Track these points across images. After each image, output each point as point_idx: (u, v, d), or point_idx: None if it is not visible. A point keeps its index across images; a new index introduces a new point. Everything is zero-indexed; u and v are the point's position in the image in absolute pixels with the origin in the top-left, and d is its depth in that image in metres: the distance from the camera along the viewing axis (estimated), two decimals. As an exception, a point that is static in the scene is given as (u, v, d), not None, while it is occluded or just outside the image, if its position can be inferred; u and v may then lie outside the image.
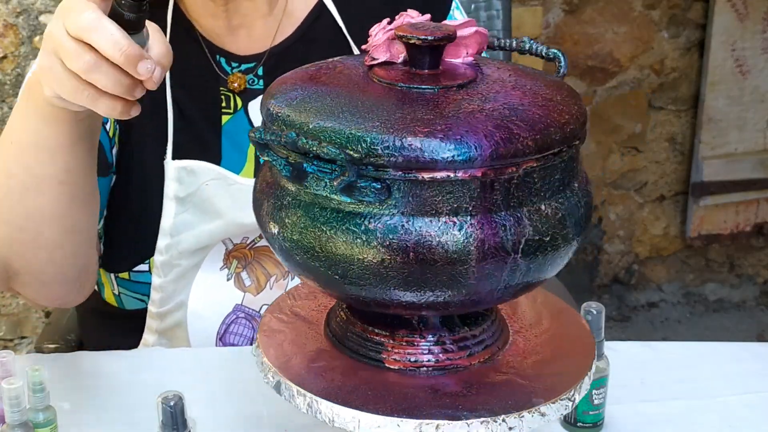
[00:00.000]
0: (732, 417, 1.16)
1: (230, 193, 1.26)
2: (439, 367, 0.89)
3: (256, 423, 1.12)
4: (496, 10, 1.72)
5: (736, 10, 2.77)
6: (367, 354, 0.90)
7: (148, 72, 0.90)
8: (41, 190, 1.09)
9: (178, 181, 1.26)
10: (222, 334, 1.31)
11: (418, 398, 0.85)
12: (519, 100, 0.83)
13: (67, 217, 1.12)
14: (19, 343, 2.41)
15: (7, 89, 2.22)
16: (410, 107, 0.81)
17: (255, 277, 1.30)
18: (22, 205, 1.10)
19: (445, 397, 0.86)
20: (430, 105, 0.81)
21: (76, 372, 1.22)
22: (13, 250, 1.13)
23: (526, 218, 0.81)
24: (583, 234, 0.86)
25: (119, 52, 0.89)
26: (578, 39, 2.77)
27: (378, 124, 0.79)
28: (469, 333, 0.90)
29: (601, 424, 1.14)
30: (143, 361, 1.24)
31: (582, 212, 0.85)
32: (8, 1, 2.17)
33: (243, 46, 1.30)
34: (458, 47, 0.90)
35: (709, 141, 2.88)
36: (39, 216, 1.10)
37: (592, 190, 0.89)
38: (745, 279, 3.07)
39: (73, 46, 0.91)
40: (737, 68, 2.83)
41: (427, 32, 0.85)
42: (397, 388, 0.87)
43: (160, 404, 0.93)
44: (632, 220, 2.96)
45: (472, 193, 0.79)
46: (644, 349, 1.29)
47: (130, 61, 0.89)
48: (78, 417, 1.12)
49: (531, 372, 0.90)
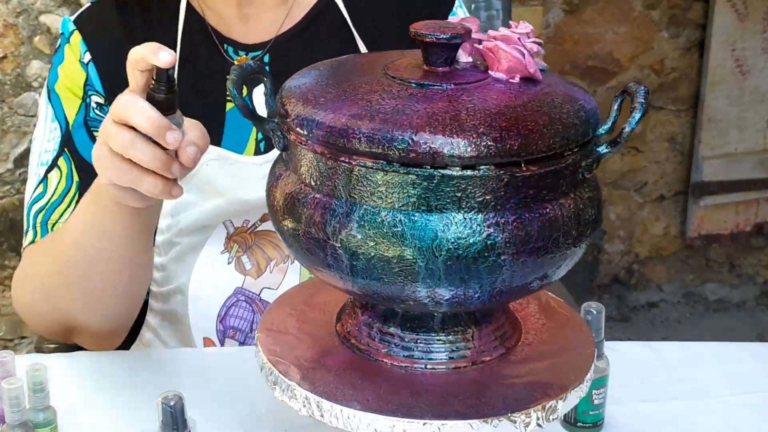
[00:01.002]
0: (732, 417, 1.16)
1: (231, 172, 1.29)
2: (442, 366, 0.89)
3: (256, 423, 1.12)
4: (496, 10, 1.72)
5: (736, 10, 2.77)
6: (371, 352, 0.90)
7: (176, 141, 0.99)
8: (102, 272, 1.20)
9: None
10: (222, 317, 1.33)
11: (420, 399, 0.85)
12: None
13: (125, 288, 1.24)
14: (19, 343, 2.41)
15: (7, 89, 2.22)
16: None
17: (255, 261, 1.32)
18: (81, 285, 1.22)
19: (446, 398, 0.86)
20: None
21: (76, 372, 1.22)
22: (71, 314, 1.25)
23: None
24: (595, 232, 0.87)
25: (148, 122, 0.98)
26: (578, 39, 2.77)
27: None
28: (479, 333, 0.90)
29: (601, 424, 1.14)
30: (143, 361, 1.24)
31: (594, 210, 0.86)
32: (8, 1, 2.17)
33: (250, 34, 1.34)
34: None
35: (709, 141, 2.88)
36: (99, 292, 1.22)
37: (601, 189, 0.89)
38: (745, 279, 3.07)
39: (114, 127, 1.00)
40: (737, 68, 2.83)
41: (442, 30, 0.85)
42: (399, 389, 0.87)
43: (160, 404, 0.93)
44: (632, 220, 2.96)
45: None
46: (644, 349, 1.29)
47: (159, 130, 0.98)
48: (78, 417, 1.12)
49: (531, 372, 0.90)
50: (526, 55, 0.85)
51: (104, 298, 1.23)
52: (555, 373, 0.90)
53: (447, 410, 0.84)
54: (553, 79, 0.89)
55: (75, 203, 1.29)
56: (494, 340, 0.91)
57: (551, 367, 0.91)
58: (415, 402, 0.85)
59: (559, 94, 0.85)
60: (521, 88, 0.85)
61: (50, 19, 2.20)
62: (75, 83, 1.32)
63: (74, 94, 1.33)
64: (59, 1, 2.19)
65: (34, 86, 2.23)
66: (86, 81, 1.32)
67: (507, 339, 0.93)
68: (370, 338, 0.91)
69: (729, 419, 1.16)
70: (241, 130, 1.32)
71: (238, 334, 1.33)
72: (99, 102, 1.32)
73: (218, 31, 1.33)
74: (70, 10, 2.19)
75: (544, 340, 0.95)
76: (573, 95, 0.86)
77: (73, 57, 1.33)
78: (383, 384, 0.87)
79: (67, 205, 1.30)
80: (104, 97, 1.32)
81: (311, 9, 1.35)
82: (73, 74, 1.33)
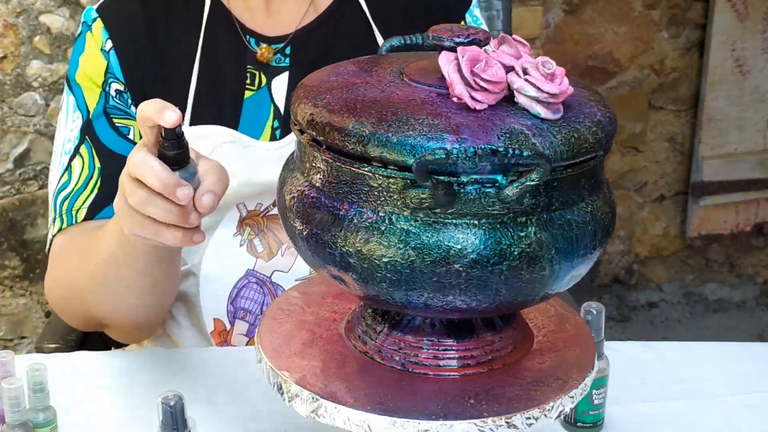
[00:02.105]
0: (732, 417, 1.16)
1: (245, 154, 1.31)
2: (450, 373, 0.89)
3: (256, 423, 1.12)
4: (496, 11, 1.72)
5: (736, 10, 2.77)
6: (374, 354, 0.90)
7: (187, 197, 1.00)
8: (131, 287, 1.23)
9: (194, 146, 1.29)
10: (233, 298, 1.35)
11: (420, 400, 0.85)
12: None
13: (154, 299, 1.27)
14: (19, 343, 2.41)
15: (7, 89, 2.22)
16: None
17: (267, 244, 1.34)
18: (112, 297, 1.25)
19: (446, 399, 0.85)
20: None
21: (76, 372, 1.22)
22: (103, 316, 1.29)
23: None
24: (608, 239, 0.86)
25: (159, 181, 0.99)
26: (578, 39, 2.77)
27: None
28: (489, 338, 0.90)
29: (601, 424, 1.14)
30: (143, 361, 1.24)
31: (608, 218, 0.85)
32: (8, 1, 2.17)
33: (273, 26, 1.36)
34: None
35: (709, 141, 2.88)
36: (130, 305, 1.26)
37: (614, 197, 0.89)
38: (745, 279, 3.07)
39: (129, 184, 1.03)
40: (737, 68, 2.83)
41: (460, 35, 0.85)
42: (399, 389, 0.87)
43: (160, 404, 0.93)
44: (632, 220, 2.96)
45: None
46: (644, 349, 1.29)
47: (168, 189, 0.99)
48: (78, 417, 1.12)
49: (531, 372, 0.90)
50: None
51: (134, 309, 1.27)
52: (555, 373, 0.90)
53: (447, 411, 0.84)
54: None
55: (98, 189, 1.32)
56: (504, 345, 0.91)
57: (551, 367, 0.91)
58: (416, 403, 0.85)
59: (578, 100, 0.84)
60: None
61: (50, 19, 2.20)
62: (96, 71, 1.35)
63: (94, 83, 1.35)
64: (59, 1, 2.19)
65: (34, 86, 2.23)
66: (107, 69, 1.35)
67: (518, 343, 0.92)
68: (374, 340, 0.90)
69: (729, 419, 1.16)
70: (258, 118, 1.34)
71: (248, 315, 1.35)
72: (119, 89, 1.35)
73: (241, 21, 1.36)
74: (70, 10, 2.19)
75: (545, 341, 0.95)
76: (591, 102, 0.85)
77: (95, 45, 1.36)
78: (384, 385, 0.87)
79: (90, 191, 1.32)
80: (124, 84, 1.34)
81: (332, 2, 1.38)
82: (95, 62, 1.35)
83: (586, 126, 0.82)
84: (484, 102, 0.80)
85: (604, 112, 0.85)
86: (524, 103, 0.81)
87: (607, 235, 0.86)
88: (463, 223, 0.79)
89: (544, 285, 0.82)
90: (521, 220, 0.79)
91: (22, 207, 2.29)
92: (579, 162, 0.81)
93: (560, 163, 0.80)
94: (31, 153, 2.27)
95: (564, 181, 0.81)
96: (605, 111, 0.85)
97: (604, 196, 0.86)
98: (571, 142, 0.80)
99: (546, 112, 0.80)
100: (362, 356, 0.90)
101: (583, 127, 0.82)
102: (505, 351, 0.91)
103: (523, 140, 0.78)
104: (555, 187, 0.81)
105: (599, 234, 0.84)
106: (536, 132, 0.79)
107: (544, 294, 0.84)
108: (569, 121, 0.81)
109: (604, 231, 0.85)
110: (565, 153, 0.79)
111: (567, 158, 0.80)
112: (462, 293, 0.80)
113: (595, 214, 0.84)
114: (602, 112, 0.85)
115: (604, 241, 0.85)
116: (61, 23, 2.20)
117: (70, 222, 1.31)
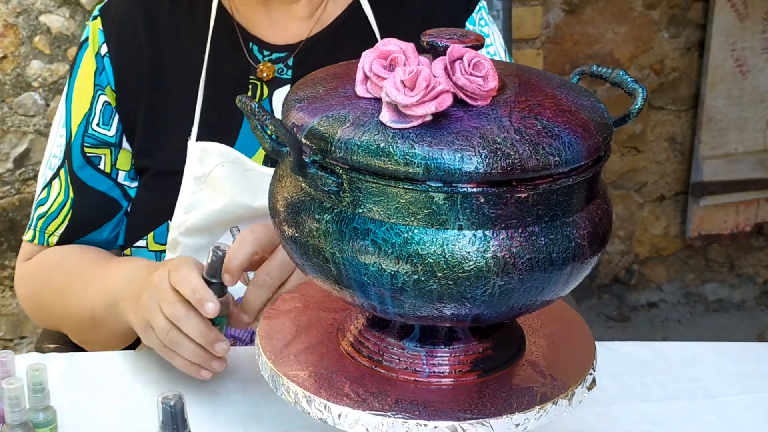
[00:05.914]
0: (732, 417, 1.16)
1: (242, 176, 1.30)
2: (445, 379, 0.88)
3: (256, 423, 1.12)
4: (497, 11, 1.72)
5: (736, 10, 2.77)
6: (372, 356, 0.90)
7: (224, 351, 1.08)
8: (100, 336, 1.30)
9: (199, 161, 1.31)
10: None
11: (419, 400, 0.85)
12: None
13: (123, 342, 1.31)
14: (19, 343, 2.41)
15: (7, 89, 2.22)
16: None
17: None
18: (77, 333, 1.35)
19: (445, 399, 0.85)
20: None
21: (76, 372, 1.22)
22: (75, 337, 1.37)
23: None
24: (606, 245, 0.86)
25: (203, 340, 1.08)
26: (578, 39, 2.77)
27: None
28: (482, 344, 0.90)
29: None
30: (143, 361, 1.24)
31: (605, 225, 0.85)
32: (8, 1, 2.17)
33: (278, 36, 1.35)
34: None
35: (709, 141, 2.88)
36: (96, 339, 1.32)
37: (611, 202, 0.88)
38: (745, 279, 3.07)
39: (164, 324, 1.09)
40: (737, 68, 2.83)
41: (453, 39, 0.84)
42: (399, 390, 0.87)
43: (160, 404, 0.93)
44: (632, 220, 2.96)
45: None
46: (644, 349, 1.29)
47: (209, 345, 1.08)
48: (78, 417, 1.12)
49: (531, 371, 0.90)
50: None
51: (102, 345, 1.31)
52: (555, 373, 0.90)
53: (446, 411, 0.84)
54: (564, 90, 0.87)
55: (69, 219, 1.35)
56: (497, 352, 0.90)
57: (551, 367, 0.91)
58: (415, 403, 0.85)
59: (574, 107, 0.84)
60: (538, 101, 0.83)
61: (50, 19, 2.20)
62: (89, 79, 1.35)
63: (85, 95, 1.35)
64: (59, 1, 2.19)
65: (34, 86, 2.23)
66: (100, 73, 1.35)
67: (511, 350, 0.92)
68: (371, 344, 0.90)
69: (729, 419, 1.16)
70: None
71: (237, 342, 1.34)
72: (107, 101, 1.34)
73: (245, 29, 1.35)
74: (70, 10, 2.19)
75: (544, 340, 0.95)
76: (588, 109, 0.85)
77: (91, 50, 1.36)
78: (384, 386, 0.87)
79: (62, 220, 1.36)
80: (114, 93, 1.34)
81: (339, 16, 1.36)
82: (89, 69, 1.36)
83: (587, 134, 0.82)
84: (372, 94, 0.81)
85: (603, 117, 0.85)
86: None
87: (605, 243, 0.85)
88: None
89: (544, 292, 0.82)
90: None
91: (22, 207, 2.29)
92: (577, 169, 0.81)
93: (561, 169, 0.79)
94: (31, 153, 2.26)
95: (562, 190, 0.81)
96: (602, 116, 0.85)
97: (602, 202, 0.86)
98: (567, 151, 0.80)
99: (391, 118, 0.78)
100: (360, 358, 0.90)
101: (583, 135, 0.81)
102: (499, 356, 0.91)
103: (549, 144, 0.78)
104: (555, 194, 0.80)
105: (597, 241, 0.84)
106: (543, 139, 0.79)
107: (543, 301, 0.84)
108: (570, 129, 0.81)
109: (602, 240, 0.85)
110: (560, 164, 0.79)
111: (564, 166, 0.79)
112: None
113: (593, 220, 0.83)
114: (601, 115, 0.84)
115: (601, 248, 0.85)
116: (61, 23, 2.20)
117: (42, 242, 1.37)
